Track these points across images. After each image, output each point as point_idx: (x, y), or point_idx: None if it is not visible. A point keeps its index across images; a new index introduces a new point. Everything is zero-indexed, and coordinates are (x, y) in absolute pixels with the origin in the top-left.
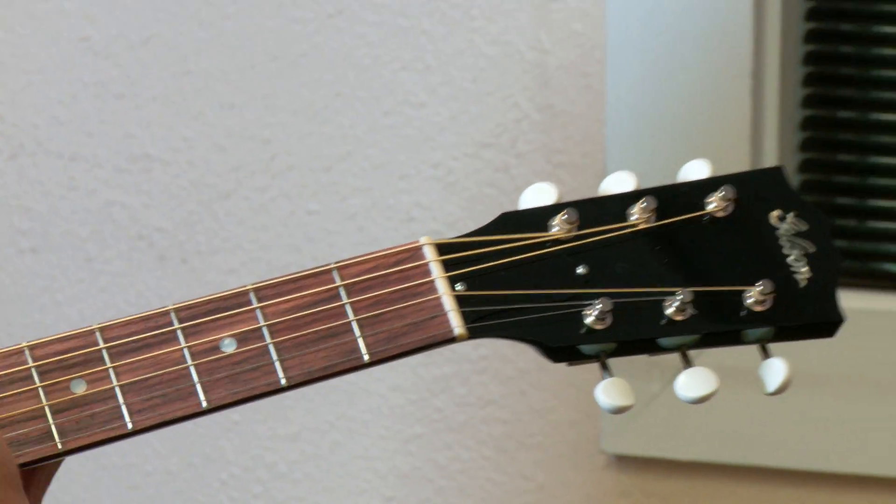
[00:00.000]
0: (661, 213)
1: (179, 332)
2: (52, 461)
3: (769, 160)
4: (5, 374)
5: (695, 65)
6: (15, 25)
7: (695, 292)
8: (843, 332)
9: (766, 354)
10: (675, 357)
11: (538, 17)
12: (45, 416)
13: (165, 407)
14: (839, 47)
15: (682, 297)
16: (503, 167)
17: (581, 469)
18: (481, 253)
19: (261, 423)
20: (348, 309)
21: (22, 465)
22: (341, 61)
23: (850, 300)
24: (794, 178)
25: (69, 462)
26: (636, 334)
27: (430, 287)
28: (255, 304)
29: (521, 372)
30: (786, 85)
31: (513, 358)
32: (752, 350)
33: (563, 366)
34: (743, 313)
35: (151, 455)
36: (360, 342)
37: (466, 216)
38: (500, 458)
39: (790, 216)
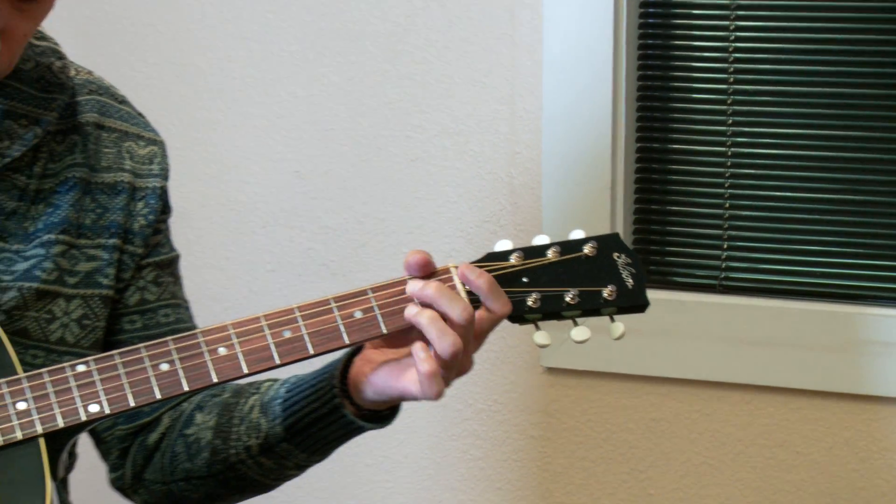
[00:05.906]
0: (562, 253)
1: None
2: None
3: (618, 228)
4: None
5: (581, 181)
6: (261, 160)
7: (579, 290)
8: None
9: (612, 320)
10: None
11: (508, 161)
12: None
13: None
14: (666, 194)
15: (573, 292)
16: (492, 234)
17: (530, 375)
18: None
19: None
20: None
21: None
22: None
23: (657, 294)
24: (628, 241)
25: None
26: (552, 310)
27: (454, 290)
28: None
29: (506, 333)
30: (627, 195)
31: (500, 332)
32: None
33: (527, 331)
34: (601, 300)
35: None
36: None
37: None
38: (495, 369)
39: (623, 255)
